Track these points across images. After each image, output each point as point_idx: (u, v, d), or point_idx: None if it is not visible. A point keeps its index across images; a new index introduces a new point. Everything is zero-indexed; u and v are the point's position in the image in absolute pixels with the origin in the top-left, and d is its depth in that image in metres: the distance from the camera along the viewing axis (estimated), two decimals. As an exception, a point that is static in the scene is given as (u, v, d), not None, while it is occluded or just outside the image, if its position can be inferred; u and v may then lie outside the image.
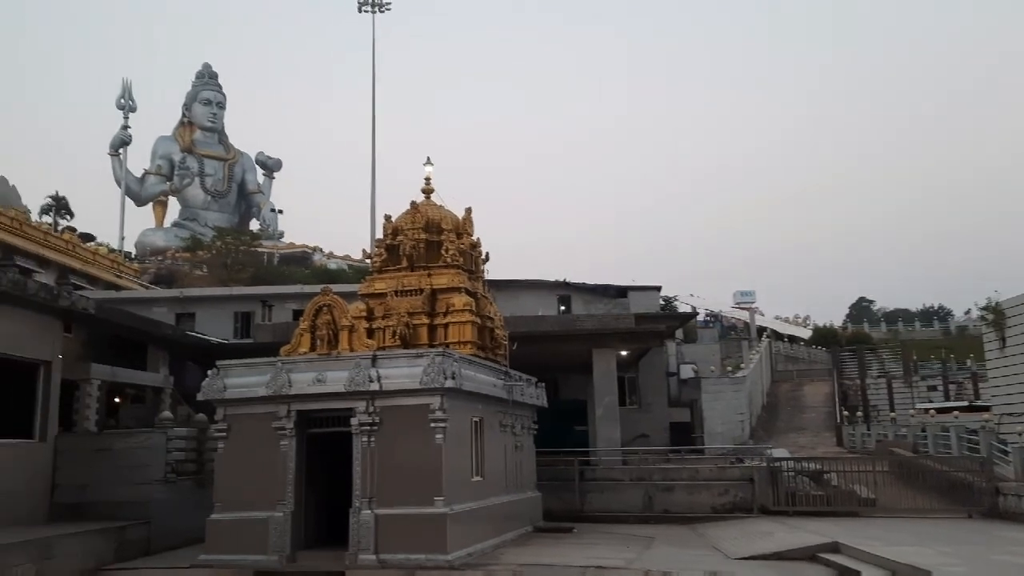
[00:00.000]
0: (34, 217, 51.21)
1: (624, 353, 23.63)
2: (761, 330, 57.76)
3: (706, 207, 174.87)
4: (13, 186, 49.31)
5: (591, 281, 33.97)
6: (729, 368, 38.82)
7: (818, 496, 18.22)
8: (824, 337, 63.64)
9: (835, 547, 13.16)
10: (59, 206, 62.25)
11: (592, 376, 22.36)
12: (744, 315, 65.34)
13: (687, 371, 34.41)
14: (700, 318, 53.55)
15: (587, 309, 31.41)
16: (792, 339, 63.27)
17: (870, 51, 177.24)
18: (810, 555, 13.11)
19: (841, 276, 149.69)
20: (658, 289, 35.44)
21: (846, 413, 36.63)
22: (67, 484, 15.41)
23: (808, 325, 74.95)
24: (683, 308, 52.91)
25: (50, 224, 53.31)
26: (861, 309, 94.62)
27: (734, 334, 60.02)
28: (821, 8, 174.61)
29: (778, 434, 34.36)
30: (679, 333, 36.96)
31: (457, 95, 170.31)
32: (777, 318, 73.02)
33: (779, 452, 21.55)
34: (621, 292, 33.19)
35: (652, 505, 18.71)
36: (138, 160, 71.69)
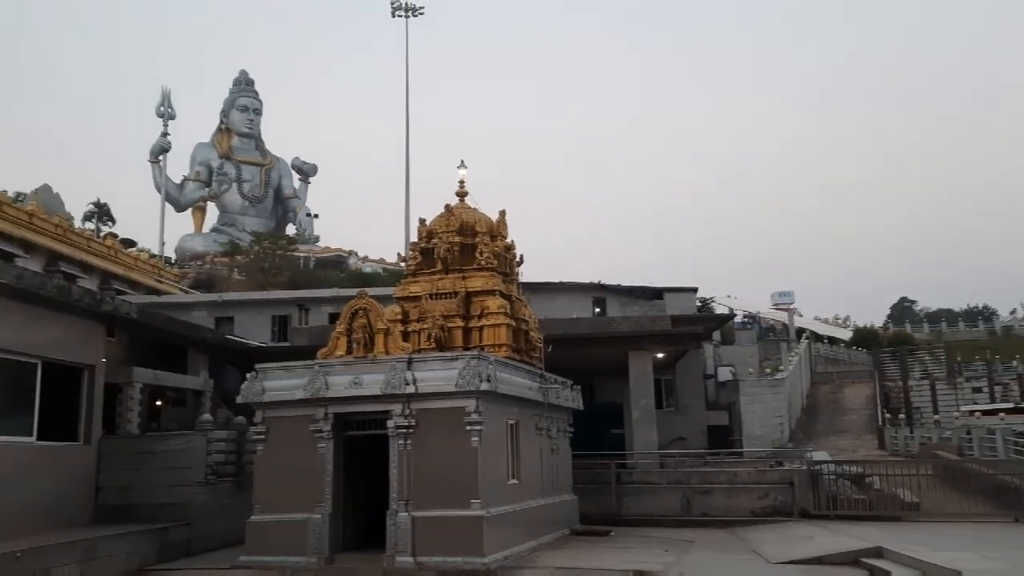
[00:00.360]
0: (77, 224, 52.43)
1: (660, 355, 23.45)
2: (800, 331, 57.04)
3: (742, 206, 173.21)
4: (56, 193, 50.53)
5: (626, 283, 33.84)
6: (768, 370, 38.40)
7: (860, 500, 17.94)
8: (865, 338, 62.70)
9: (878, 551, 12.94)
10: (101, 212, 63.65)
11: (628, 379, 22.22)
12: (782, 316, 64.53)
13: (725, 373, 34.11)
14: (738, 319, 52.95)
15: (623, 311, 31.27)
16: (832, 340, 62.39)
17: (898, 46, 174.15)
18: (853, 560, 12.91)
19: (882, 276, 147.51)
20: (695, 290, 35.17)
21: (888, 416, 36.01)
22: (110, 486, 15.69)
23: (848, 326, 73.87)
24: (720, 309, 52.38)
25: (92, 230, 54.48)
26: (903, 309, 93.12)
27: (772, 335, 59.29)
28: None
29: (818, 437, 33.90)
30: (716, 335, 36.67)
31: (474, 95, 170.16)
32: (816, 319, 72.05)
33: (819, 455, 21.26)
34: (657, 294, 32.99)
35: (690, 508, 18.56)
36: (177, 167, 72.98)
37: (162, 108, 72.39)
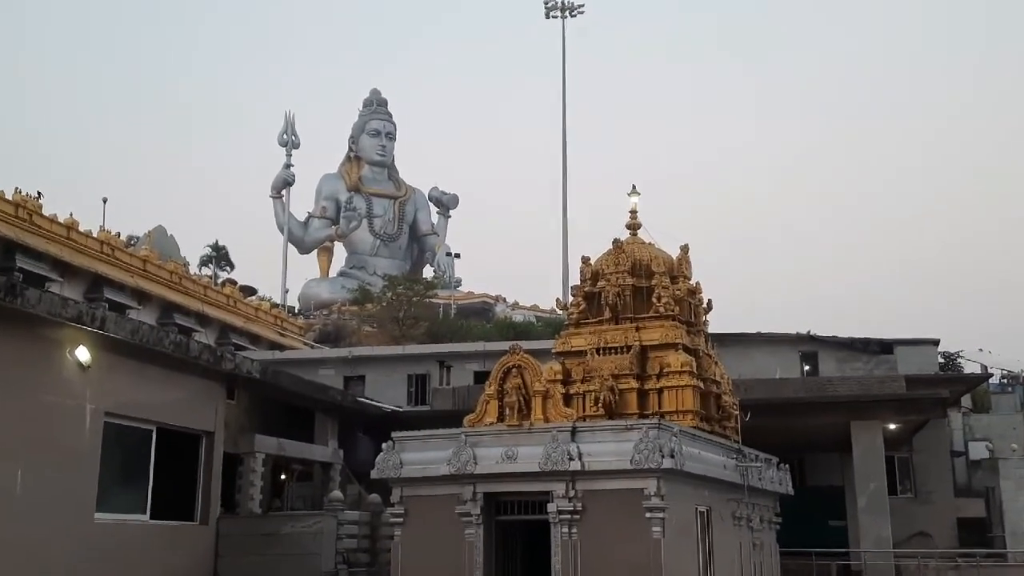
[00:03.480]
0: (192, 269, 56.29)
1: (893, 426, 22.55)
2: (1082, 395, 52.95)
3: (990, 241, 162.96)
4: (171, 236, 54.64)
5: (843, 333, 32.64)
6: (1038, 446, 35.87)
7: None
8: None
9: None
10: (219, 256, 68.10)
11: (851, 456, 21.61)
12: (1056, 375, 60.11)
13: (979, 450, 32.21)
14: (994, 381, 49.79)
15: (840, 369, 30.17)
16: None
17: None
18: None
19: None
20: (935, 343, 33.48)
21: None
22: (230, 574, 16.50)
23: None
24: (970, 367, 49.45)
25: (210, 277, 58.27)
26: None
27: (1043, 400, 55.35)
28: None
29: (1113, 536, 31.18)
30: (966, 400, 34.68)
31: (631, 105, 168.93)
32: (1103, 379, 66.66)
33: (1117, 561, 19.63)
34: (886, 347, 31.63)
35: (938, 626, 17.55)
36: (302, 202, 76.72)
37: (285, 136, 76.29)
